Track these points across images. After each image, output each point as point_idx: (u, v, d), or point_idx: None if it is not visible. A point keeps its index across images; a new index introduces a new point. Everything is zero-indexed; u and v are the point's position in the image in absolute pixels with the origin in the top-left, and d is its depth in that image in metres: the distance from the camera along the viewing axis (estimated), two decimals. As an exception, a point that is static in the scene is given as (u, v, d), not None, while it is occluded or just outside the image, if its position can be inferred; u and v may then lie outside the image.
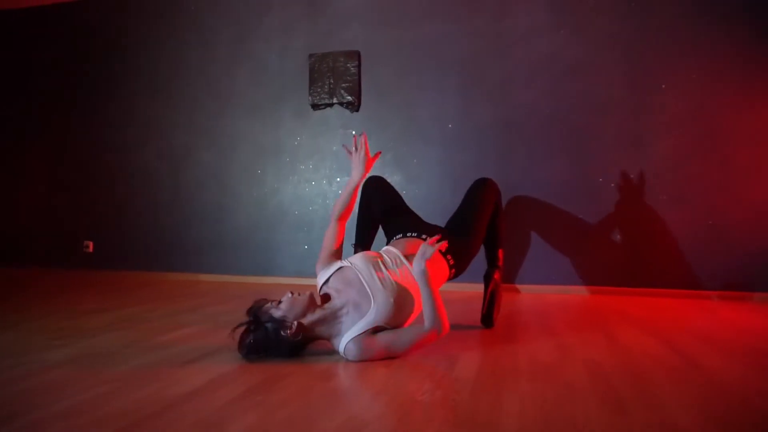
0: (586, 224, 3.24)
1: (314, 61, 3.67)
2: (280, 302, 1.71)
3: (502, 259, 2.34)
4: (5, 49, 4.43)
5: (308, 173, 3.74)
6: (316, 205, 3.71)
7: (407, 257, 1.92)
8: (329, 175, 3.69)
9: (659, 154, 3.14)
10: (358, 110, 3.61)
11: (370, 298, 1.74)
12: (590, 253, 3.23)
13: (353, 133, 3.57)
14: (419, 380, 1.52)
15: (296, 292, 1.75)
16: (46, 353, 1.82)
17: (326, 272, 1.89)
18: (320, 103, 3.67)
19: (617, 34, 3.22)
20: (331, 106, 3.67)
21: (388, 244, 2.14)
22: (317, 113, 3.71)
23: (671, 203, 3.12)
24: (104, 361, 1.73)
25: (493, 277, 2.27)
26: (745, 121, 3.04)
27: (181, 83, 4.00)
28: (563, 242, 3.27)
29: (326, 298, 1.81)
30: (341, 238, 2.00)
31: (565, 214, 3.26)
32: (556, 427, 1.19)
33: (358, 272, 1.80)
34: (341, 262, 1.90)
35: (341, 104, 3.64)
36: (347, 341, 1.69)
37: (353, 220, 2.34)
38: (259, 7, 3.84)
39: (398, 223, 2.18)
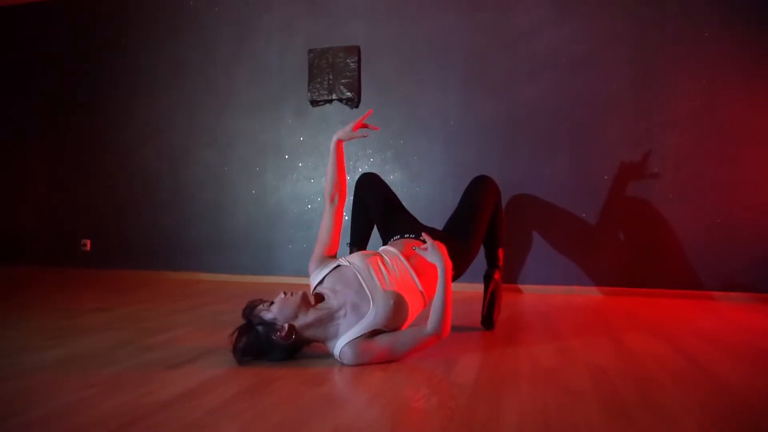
0: (590, 223, 3.18)
1: (313, 56, 3.62)
2: (272, 303, 1.65)
3: (502, 258, 2.28)
4: (4, 48, 4.41)
5: (308, 171, 3.69)
6: (315, 203, 3.66)
7: (408, 259, 1.84)
8: (329, 172, 3.64)
9: (666, 152, 3.07)
10: (357, 106, 3.55)
11: (369, 299, 1.67)
12: (595, 252, 3.16)
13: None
14: (416, 385, 1.47)
15: (289, 292, 1.68)
16: (35, 354, 1.78)
17: (322, 271, 1.80)
18: (319, 99, 3.61)
19: (623, 29, 3.15)
20: (330, 102, 3.62)
21: (385, 244, 2.08)
22: (316, 110, 3.66)
23: (678, 202, 3.05)
24: (93, 362, 1.68)
25: (493, 277, 2.21)
26: (752, 120, 2.97)
27: (180, 82, 3.95)
28: (567, 241, 3.21)
29: (320, 298, 1.73)
30: (337, 230, 1.88)
31: (569, 212, 3.20)
32: (556, 436, 1.14)
33: (357, 272, 1.73)
34: (338, 260, 1.83)
35: (340, 100, 3.58)
36: (343, 345, 1.63)
37: (350, 220, 2.29)
38: (259, 5, 3.79)
39: (396, 222, 2.12)
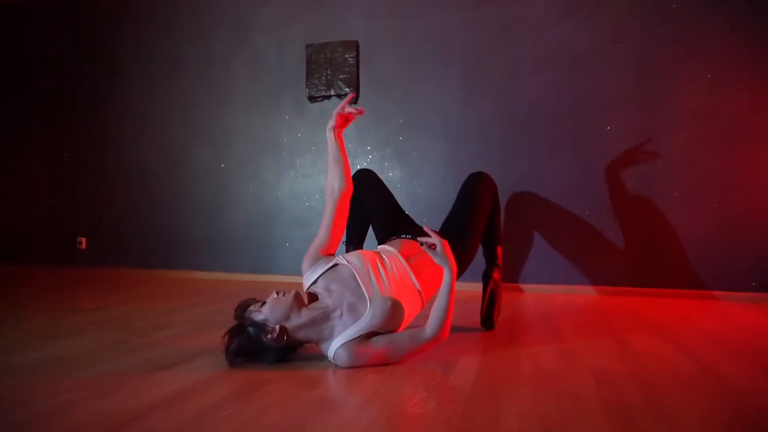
0: (592, 221, 3.11)
1: (311, 51, 3.55)
2: (264, 303, 1.59)
3: (501, 257, 2.23)
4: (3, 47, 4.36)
5: (306, 168, 3.64)
6: (313, 201, 3.61)
7: (407, 259, 1.78)
8: (327, 170, 3.57)
9: (669, 150, 3.01)
10: (356, 102, 3.49)
11: (366, 300, 1.61)
12: (597, 251, 3.10)
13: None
14: (412, 389, 1.41)
15: (281, 291, 1.61)
16: (20, 355, 1.73)
17: (316, 270, 1.72)
18: (317, 95, 3.55)
19: (625, 26, 3.08)
20: (328, 98, 3.56)
21: (381, 243, 2.02)
22: (315, 106, 3.60)
23: (682, 200, 2.99)
24: (78, 364, 1.63)
25: (492, 276, 2.15)
26: (757, 118, 2.90)
27: (177, 78, 3.90)
28: (569, 240, 3.15)
29: (314, 298, 1.66)
30: (339, 228, 1.78)
31: (571, 210, 3.14)
32: (558, 444, 1.08)
33: (354, 272, 1.67)
34: (335, 258, 1.75)
35: (339, 96, 3.52)
36: (337, 346, 1.57)
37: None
38: (257, -1, 3.73)
39: (393, 221, 2.07)
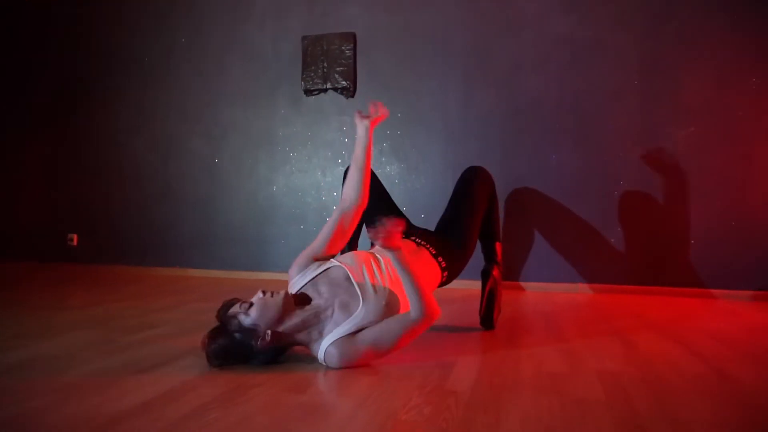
0: (595, 219, 3.03)
1: (307, 44, 3.47)
2: (251, 305, 1.49)
3: (500, 254, 2.14)
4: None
5: (301, 163, 3.55)
6: (309, 196, 3.52)
7: None
8: (323, 165, 3.50)
9: (674, 146, 2.93)
10: (353, 96, 3.41)
11: (359, 297, 1.54)
12: (601, 249, 3.02)
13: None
14: (406, 393, 1.33)
15: (269, 291, 1.52)
16: (0, 355, 1.65)
17: (306, 275, 1.64)
18: (313, 88, 3.47)
19: (629, 19, 3.00)
20: (325, 91, 3.47)
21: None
22: (311, 100, 3.52)
23: (688, 198, 2.91)
24: (56, 366, 1.54)
25: (491, 273, 2.06)
26: (763, 115, 2.82)
27: (172, 70, 3.80)
28: (572, 237, 3.07)
29: (304, 298, 1.57)
30: (342, 239, 1.73)
31: (573, 207, 3.06)
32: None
33: (349, 271, 1.60)
34: (328, 262, 1.67)
35: (335, 90, 3.43)
36: (328, 344, 1.49)
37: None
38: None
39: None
